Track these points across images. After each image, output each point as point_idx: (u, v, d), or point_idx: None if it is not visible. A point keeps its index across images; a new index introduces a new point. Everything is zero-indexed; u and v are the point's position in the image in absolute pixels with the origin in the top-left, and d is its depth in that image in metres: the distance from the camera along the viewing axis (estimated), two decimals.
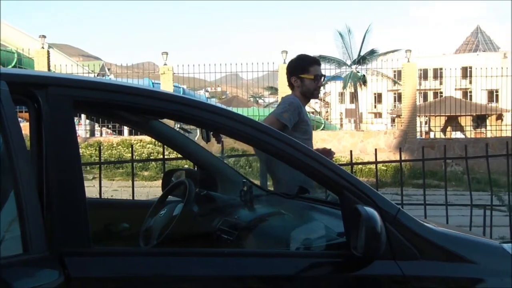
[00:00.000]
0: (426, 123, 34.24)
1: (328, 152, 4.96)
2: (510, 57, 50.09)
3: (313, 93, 4.70)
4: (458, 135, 33.66)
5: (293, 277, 2.37)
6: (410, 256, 2.45)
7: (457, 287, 2.61)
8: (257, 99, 65.09)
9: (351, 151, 7.29)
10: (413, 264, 2.46)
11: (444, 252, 2.58)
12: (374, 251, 2.24)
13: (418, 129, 23.18)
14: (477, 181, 15.31)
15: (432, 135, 32.28)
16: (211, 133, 3.24)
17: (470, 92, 57.24)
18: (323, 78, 4.75)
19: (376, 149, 6.66)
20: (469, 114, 36.54)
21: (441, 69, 47.70)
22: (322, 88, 4.71)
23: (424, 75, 53.95)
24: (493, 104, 45.45)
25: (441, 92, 56.20)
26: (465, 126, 35.86)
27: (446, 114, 34.62)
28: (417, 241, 2.49)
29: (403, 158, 7.11)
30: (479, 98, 35.31)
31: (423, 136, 28.00)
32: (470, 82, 54.84)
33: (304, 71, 4.63)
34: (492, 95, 51.21)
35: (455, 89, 50.87)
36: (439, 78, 54.69)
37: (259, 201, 3.32)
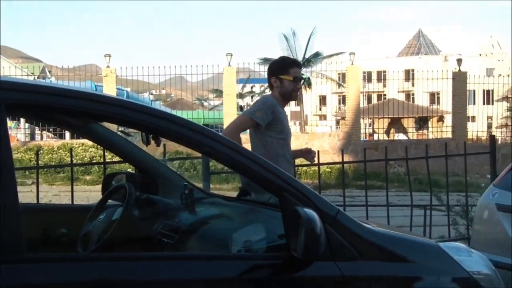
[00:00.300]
0: (370, 125, 34.75)
1: (309, 152, 5.03)
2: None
3: (291, 95, 4.74)
4: (401, 136, 34.27)
5: (233, 279, 2.37)
6: (349, 256, 2.48)
7: (396, 286, 2.66)
8: (202, 101, 64.90)
9: None
10: (353, 264, 2.49)
11: (384, 252, 2.62)
12: (314, 253, 2.26)
13: (362, 131, 23.51)
14: (419, 181, 15.58)
15: (376, 137, 32.77)
16: (151, 136, 3.21)
17: (413, 94, 58.56)
18: (302, 80, 4.79)
19: (318, 151, 6.69)
20: (412, 116, 37.33)
21: (384, 71, 48.43)
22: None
23: (368, 77, 54.75)
24: (435, 106, 46.46)
25: (384, 95, 57.18)
26: (408, 128, 36.59)
27: (390, 116, 35.27)
28: (357, 242, 2.52)
29: (347, 160, 7.18)
30: (421, 100, 36.13)
31: (367, 138, 28.36)
32: (413, 85, 56.04)
33: (284, 72, 4.67)
34: (434, 97, 52.39)
35: (398, 92, 51.86)
36: (382, 80, 55.59)
37: (201, 204, 3.31)
